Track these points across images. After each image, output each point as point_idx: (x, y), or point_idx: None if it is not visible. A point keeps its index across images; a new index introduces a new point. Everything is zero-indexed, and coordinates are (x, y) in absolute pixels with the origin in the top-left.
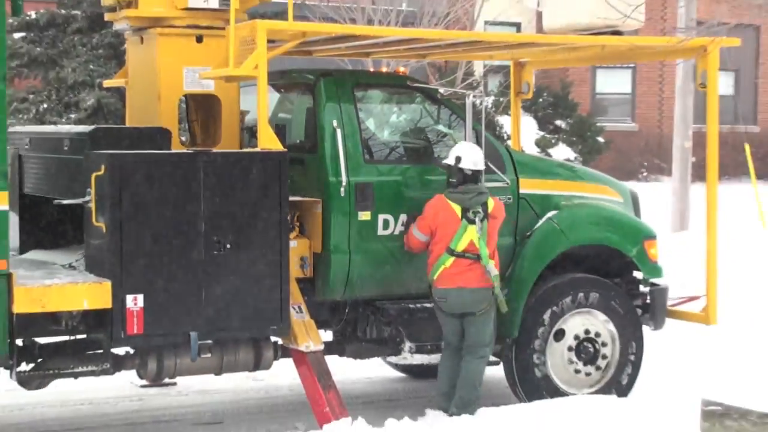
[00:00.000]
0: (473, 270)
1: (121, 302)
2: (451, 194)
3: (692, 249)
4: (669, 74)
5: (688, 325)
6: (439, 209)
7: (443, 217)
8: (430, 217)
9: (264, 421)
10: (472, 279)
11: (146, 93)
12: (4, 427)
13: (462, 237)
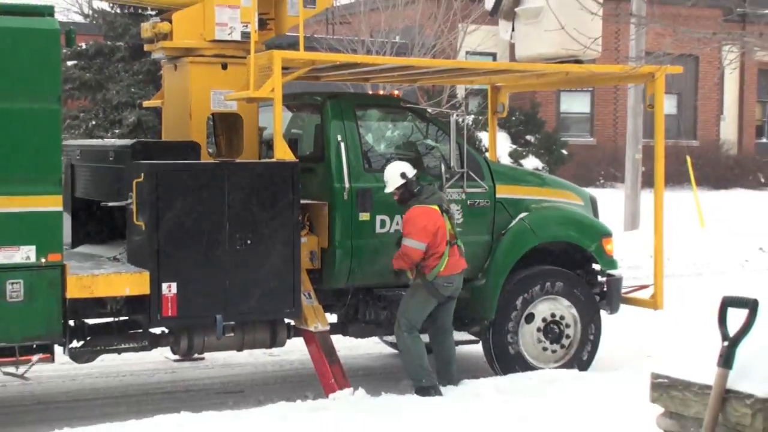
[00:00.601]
0: (460, 255)
1: (157, 289)
2: (427, 201)
3: (642, 245)
4: (622, 96)
5: (638, 310)
6: (434, 216)
7: (440, 221)
8: (432, 226)
9: (279, 390)
10: (463, 263)
11: (179, 112)
12: (59, 394)
13: (449, 229)
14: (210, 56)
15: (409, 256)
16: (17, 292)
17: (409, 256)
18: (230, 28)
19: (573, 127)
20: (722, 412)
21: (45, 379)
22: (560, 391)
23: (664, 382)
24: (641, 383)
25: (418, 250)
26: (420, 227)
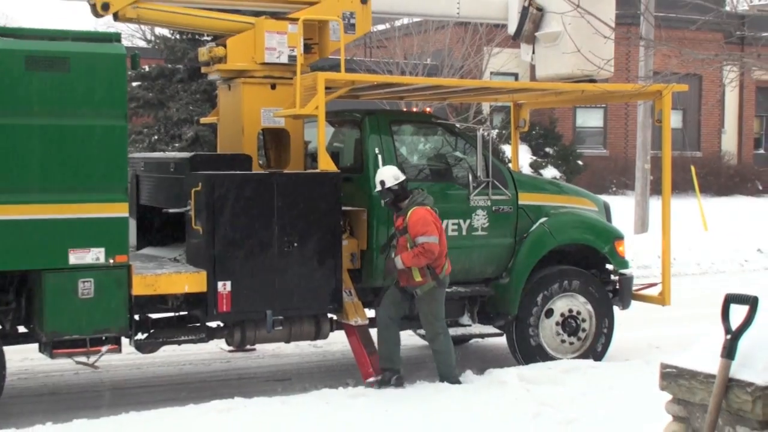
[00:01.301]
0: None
1: (214, 287)
2: (424, 202)
3: (651, 247)
4: (632, 112)
5: (647, 306)
6: (434, 216)
7: (438, 221)
8: (438, 223)
9: (322, 378)
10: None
11: (233, 128)
12: (125, 381)
13: None
14: (260, 77)
15: (432, 251)
16: (88, 289)
17: (431, 252)
18: (278, 52)
19: (588, 140)
20: (725, 399)
21: (113, 368)
22: (577, 379)
23: (672, 372)
24: (650, 372)
25: (436, 245)
26: (431, 224)
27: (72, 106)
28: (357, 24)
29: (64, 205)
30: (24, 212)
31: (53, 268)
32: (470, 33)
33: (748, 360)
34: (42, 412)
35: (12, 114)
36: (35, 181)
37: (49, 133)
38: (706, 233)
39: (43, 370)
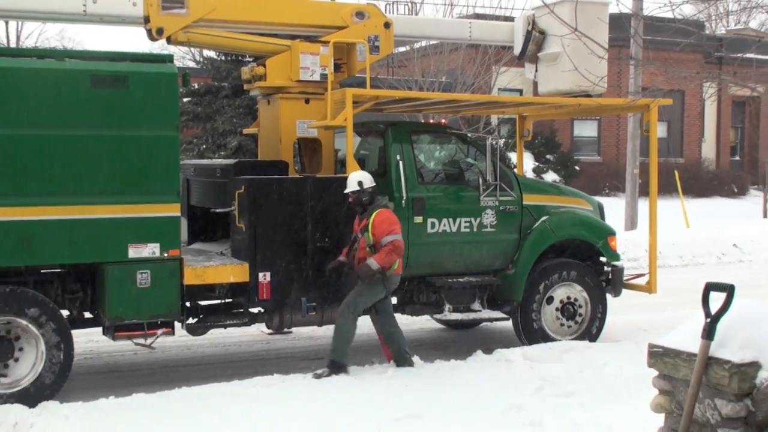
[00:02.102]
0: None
1: (255, 278)
2: (387, 205)
3: (639, 242)
4: (623, 123)
5: (636, 294)
6: (395, 219)
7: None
8: (399, 224)
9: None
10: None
11: (272, 137)
12: (178, 360)
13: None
14: (296, 93)
15: (401, 248)
16: (145, 279)
17: (400, 248)
18: (312, 70)
19: (584, 148)
20: (705, 375)
21: (167, 349)
22: (575, 358)
23: (659, 351)
24: (639, 351)
25: (402, 241)
26: (396, 223)
27: (131, 119)
28: (381, 46)
29: (125, 206)
30: (89, 212)
31: (115, 261)
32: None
33: (725, 341)
34: (105, 387)
35: (79, 126)
36: (99, 185)
37: (111, 143)
38: (688, 230)
39: (106, 351)
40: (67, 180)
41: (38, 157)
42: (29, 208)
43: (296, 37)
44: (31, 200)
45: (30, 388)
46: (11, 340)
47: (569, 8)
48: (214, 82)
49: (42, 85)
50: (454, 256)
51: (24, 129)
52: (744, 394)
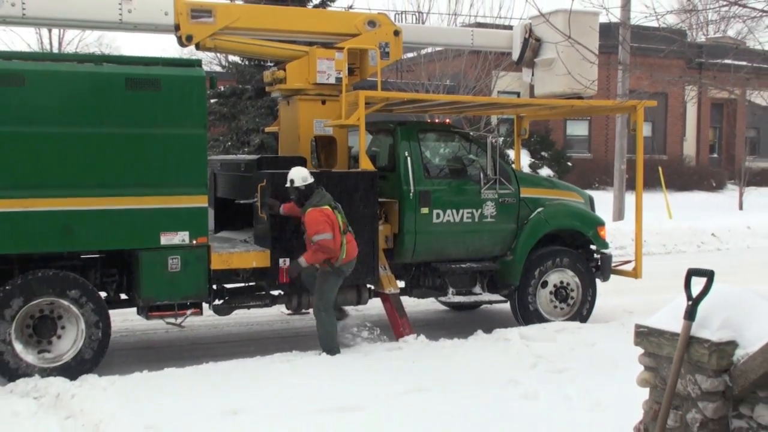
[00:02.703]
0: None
1: (275, 263)
2: (319, 203)
3: (626, 232)
4: (612, 123)
5: (623, 279)
6: (327, 214)
7: (333, 217)
8: (329, 222)
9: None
10: (356, 248)
11: (291, 135)
12: (205, 338)
13: (340, 222)
14: (313, 95)
15: (329, 247)
16: (176, 264)
17: (328, 247)
18: (328, 74)
19: (576, 145)
20: (687, 353)
21: (195, 327)
22: (567, 337)
23: (644, 331)
24: (626, 332)
25: (331, 240)
26: (322, 222)
27: (162, 118)
28: (391, 52)
29: (157, 197)
30: (125, 203)
31: (148, 248)
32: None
33: (705, 321)
34: (139, 362)
35: (116, 125)
36: (134, 178)
37: (144, 140)
38: (671, 221)
39: (140, 329)
40: (104, 174)
41: (78, 153)
42: (71, 199)
43: (313, 43)
44: (72, 192)
45: (71, 362)
46: (54, 319)
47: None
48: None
49: (82, 87)
50: (457, 244)
51: (65, 127)
52: (722, 371)
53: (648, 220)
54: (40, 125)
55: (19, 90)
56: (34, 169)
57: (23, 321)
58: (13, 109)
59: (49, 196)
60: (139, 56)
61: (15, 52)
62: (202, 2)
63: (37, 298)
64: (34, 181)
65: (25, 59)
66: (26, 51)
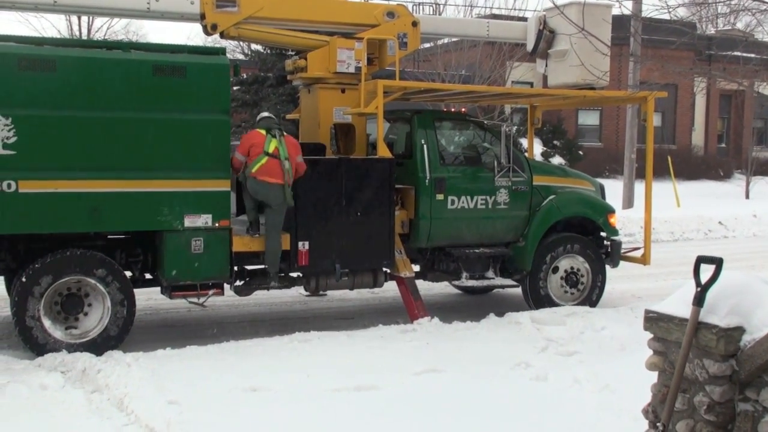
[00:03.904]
0: (277, 167)
1: (295, 246)
2: (257, 125)
3: (635, 219)
4: (622, 113)
5: (632, 265)
6: (253, 135)
7: (255, 140)
8: (245, 144)
9: (378, 317)
10: (276, 177)
11: (311, 123)
12: (227, 317)
13: (269, 145)
14: (333, 84)
15: (233, 164)
16: (199, 246)
17: (233, 164)
18: (347, 64)
19: (587, 135)
20: (695, 338)
21: (217, 307)
22: (577, 321)
23: (654, 316)
24: (634, 316)
25: (237, 159)
26: (242, 144)
27: (187, 104)
28: (409, 42)
29: (181, 181)
30: (151, 186)
31: (173, 230)
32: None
33: (713, 308)
34: (162, 340)
35: (143, 110)
36: (160, 162)
37: (169, 125)
38: (679, 209)
39: (163, 308)
40: (131, 157)
41: (105, 137)
42: (98, 181)
43: (334, 33)
44: (100, 174)
45: (97, 338)
46: (81, 297)
47: (577, 10)
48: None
49: (110, 73)
50: (471, 230)
51: (93, 111)
52: (729, 355)
53: (657, 208)
54: (70, 110)
55: (50, 75)
56: (63, 152)
57: (52, 298)
58: (44, 94)
59: (77, 178)
60: (165, 44)
61: (46, 38)
62: None
63: (65, 276)
64: (63, 164)
65: (56, 45)
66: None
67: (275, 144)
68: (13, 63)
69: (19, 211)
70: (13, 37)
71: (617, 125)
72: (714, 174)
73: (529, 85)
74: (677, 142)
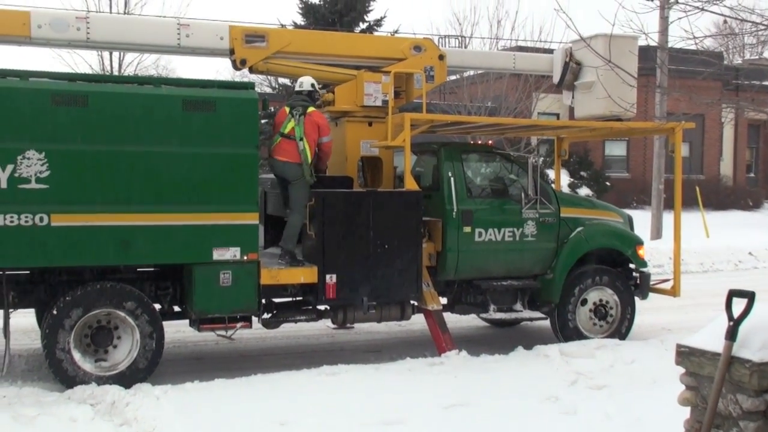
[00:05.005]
0: (291, 147)
1: (323, 279)
2: (288, 100)
3: (664, 250)
4: (649, 143)
5: (662, 297)
6: (279, 115)
7: (278, 117)
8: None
9: (406, 350)
10: (283, 155)
11: (339, 155)
12: (254, 350)
13: (287, 125)
14: (360, 117)
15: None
16: (227, 279)
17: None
18: (374, 97)
19: (614, 165)
20: (728, 373)
21: (244, 340)
22: (606, 354)
23: (685, 350)
24: (665, 349)
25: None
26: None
27: (217, 138)
28: (436, 76)
29: (210, 214)
30: (180, 219)
31: (201, 263)
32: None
33: (746, 342)
34: (191, 372)
35: (173, 144)
36: (189, 195)
37: (199, 159)
38: (708, 240)
39: (192, 341)
40: (161, 190)
41: (136, 170)
42: (129, 214)
43: (361, 67)
44: (130, 207)
45: (126, 371)
46: (111, 329)
47: (603, 42)
48: None
49: (141, 107)
50: (498, 262)
51: (124, 146)
52: (763, 390)
53: (686, 239)
54: (102, 144)
55: (82, 110)
56: (95, 186)
57: (82, 330)
58: (76, 129)
59: (108, 212)
60: (195, 79)
61: (79, 74)
62: (256, 28)
63: (95, 309)
64: (95, 197)
65: (89, 81)
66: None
67: (292, 125)
68: (46, 99)
69: (52, 245)
70: (46, 73)
71: (644, 155)
72: (743, 204)
73: (555, 117)
74: (705, 172)
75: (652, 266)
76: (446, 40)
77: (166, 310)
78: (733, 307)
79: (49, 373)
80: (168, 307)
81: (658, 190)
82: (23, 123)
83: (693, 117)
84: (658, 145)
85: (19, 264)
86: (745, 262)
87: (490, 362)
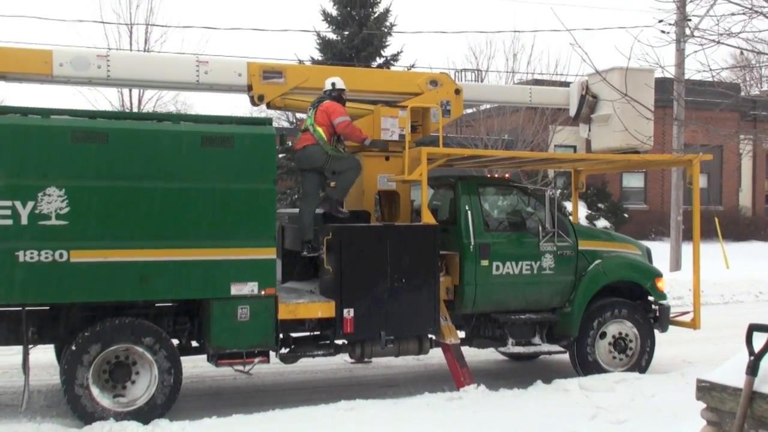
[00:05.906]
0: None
1: (340, 313)
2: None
3: (683, 282)
4: (667, 175)
5: (682, 329)
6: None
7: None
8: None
9: (423, 384)
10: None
11: (356, 190)
12: (272, 385)
13: (306, 122)
14: (377, 151)
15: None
16: (245, 314)
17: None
18: (391, 131)
19: (632, 197)
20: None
21: (262, 375)
22: (626, 388)
23: (706, 386)
24: (685, 383)
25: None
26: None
27: (235, 174)
28: (452, 110)
29: (228, 249)
30: (198, 254)
31: (219, 298)
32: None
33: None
34: (209, 407)
35: (191, 180)
36: (207, 230)
37: (217, 194)
38: (728, 271)
39: (210, 376)
40: (179, 226)
41: (155, 206)
42: (147, 250)
43: (378, 102)
44: (149, 243)
45: (144, 407)
46: (129, 365)
47: (619, 75)
48: None
49: (160, 144)
50: (516, 296)
51: (144, 182)
52: None
53: (705, 270)
54: (121, 180)
55: (102, 147)
56: (114, 222)
57: (100, 366)
58: (96, 166)
59: (127, 247)
60: (213, 115)
61: (99, 111)
62: (273, 64)
63: (113, 344)
64: (113, 233)
65: (109, 118)
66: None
67: (309, 120)
68: (67, 136)
69: (71, 281)
70: (67, 110)
71: (662, 187)
72: (763, 234)
73: (572, 149)
74: (724, 203)
75: (672, 298)
76: (462, 73)
77: (184, 345)
78: (753, 342)
79: (67, 409)
80: (186, 342)
81: (676, 222)
82: (44, 160)
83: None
84: (676, 177)
85: (38, 300)
86: (766, 293)
87: (509, 397)
